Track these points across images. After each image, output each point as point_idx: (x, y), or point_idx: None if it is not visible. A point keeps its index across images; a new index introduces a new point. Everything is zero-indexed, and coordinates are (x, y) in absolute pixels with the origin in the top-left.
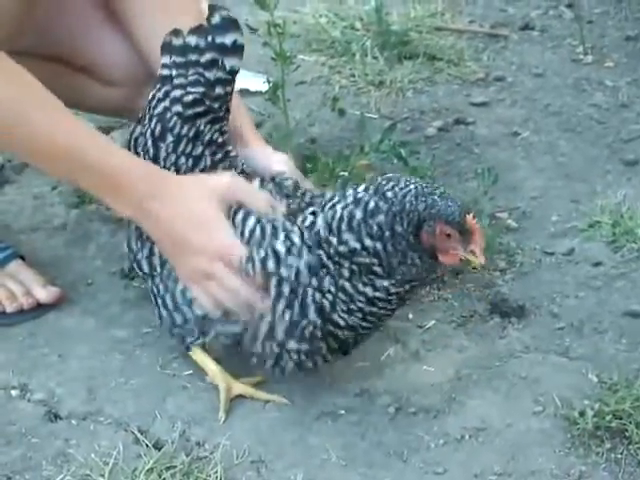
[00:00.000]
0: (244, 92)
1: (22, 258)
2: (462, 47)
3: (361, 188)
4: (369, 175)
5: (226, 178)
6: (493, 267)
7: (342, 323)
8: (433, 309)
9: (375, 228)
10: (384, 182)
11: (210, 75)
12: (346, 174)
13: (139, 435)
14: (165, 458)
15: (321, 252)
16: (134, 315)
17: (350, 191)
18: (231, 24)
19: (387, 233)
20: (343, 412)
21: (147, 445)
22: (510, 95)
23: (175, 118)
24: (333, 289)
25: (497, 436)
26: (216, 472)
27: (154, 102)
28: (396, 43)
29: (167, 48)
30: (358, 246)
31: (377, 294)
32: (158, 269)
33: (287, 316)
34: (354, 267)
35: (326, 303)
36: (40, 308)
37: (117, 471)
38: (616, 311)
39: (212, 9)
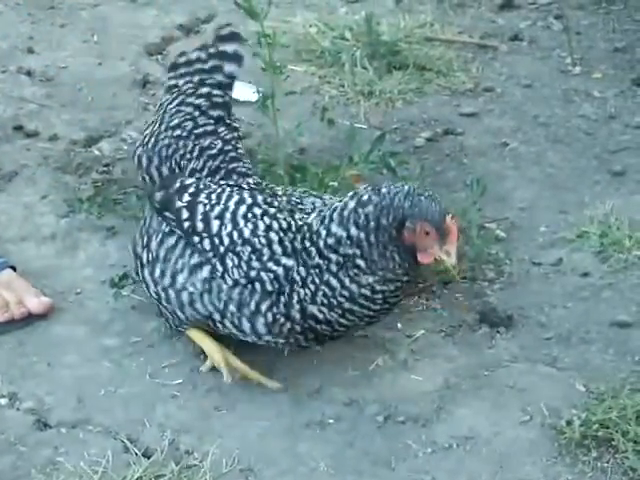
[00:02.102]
0: (234, 102)
1: (13, 268)
2: (451, 58)
3: (362, 187)
4: (358, 186)
5: None
6: (482, 277)
7: (320, 317)
8: (422, 319)
9: (362, 217)
10: (385, 184)
11: (212, 79)
12: (335, 184)
13: (128, 443)
14: (154, 467)
15: (312, 249)
16: (123, 324)
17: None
18: (234, 35)
19: (372, 224)
20: (332, 421)
21: (136, 453)
22: (499, 106)
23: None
24: (317, 280)
25: (485, 445)
26: None
27: (165, 106)
28: (385, 53)
29: (173, 67)
30: (344, 234)
31: (362, 291)
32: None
33: (269, 315)
34: (340, 259)
35: (308, 293)
36: (30, 318)
37: (106, 479)
38: (604, 321)
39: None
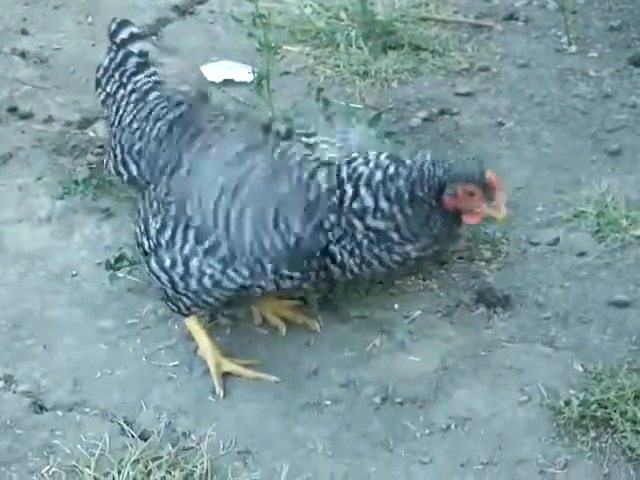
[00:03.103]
0: (229, 82)
1: None
2: (447, 37)
3: (383, 156)
4: None
5: None
6: (479, 257)
7: (338, 258)
8: (419, 299)
9: (393, 191)
10: (402, 153)
11: (131, 66)
12: None
13: (125, 426)
14: (151, 449)
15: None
16: (119, 306)
17: (372, 156)
18: (123, 23)
19: (406, 196)
20: (329, 402)
21: (133, 436)
22: (494, 85)
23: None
24: (346, 227)
25: (483, 426)
26: (202, 463)
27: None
28: (381, 33)
29: (98, 82)
30: (372, 204)
31: (395, 257)
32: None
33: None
34: (371, 235)
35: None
36: None
37: (103, 462)
38: (601, 301)
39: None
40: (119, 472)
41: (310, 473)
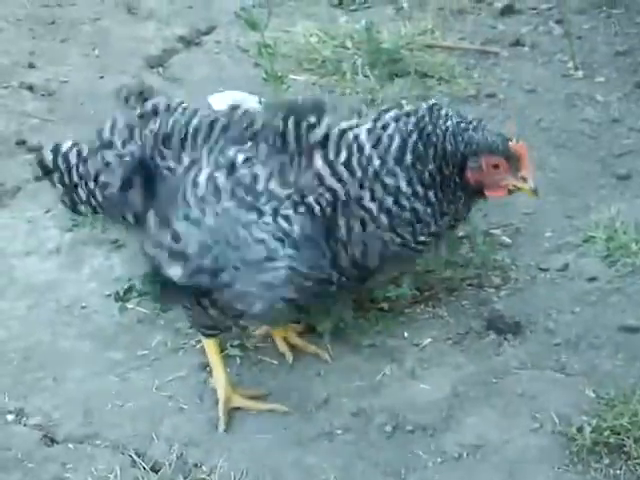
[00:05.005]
0: None
1: None
2: (453, 64)
3: (412, 120)
4: None
5: None
6: (488, 284)
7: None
8: (428, 327)
9: (426, 175)
10: (427, 117)
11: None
12: None
13: (136, 458)
14: None
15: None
16: (129, 337)
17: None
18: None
19: (438, 178)
20: (340, 432)
21: (144, 468)
22: (502, 111)
23: None
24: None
25: (495, 453)
26: None
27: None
28: (387, 61)
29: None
30: (409, 191)
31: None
32: None
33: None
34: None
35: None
36: None
37: None
38: (612, 326)
39: None
40: None
41: None
